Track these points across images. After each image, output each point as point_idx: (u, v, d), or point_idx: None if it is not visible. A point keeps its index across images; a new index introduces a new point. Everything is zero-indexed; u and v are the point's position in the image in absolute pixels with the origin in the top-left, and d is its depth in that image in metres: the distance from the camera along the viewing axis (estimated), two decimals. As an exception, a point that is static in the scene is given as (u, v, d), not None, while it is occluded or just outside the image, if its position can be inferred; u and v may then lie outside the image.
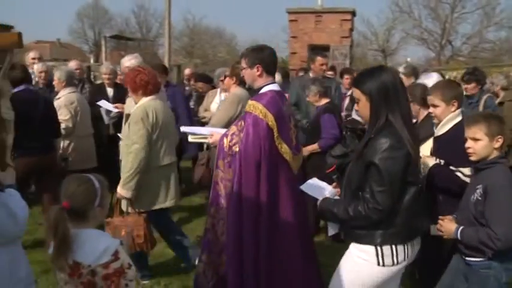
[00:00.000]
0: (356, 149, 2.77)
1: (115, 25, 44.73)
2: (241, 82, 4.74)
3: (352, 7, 12.56)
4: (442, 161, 3.16)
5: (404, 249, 2.58)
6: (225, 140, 3.47)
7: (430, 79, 4.54)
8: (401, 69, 5.68)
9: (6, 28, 16.70)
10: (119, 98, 6.18)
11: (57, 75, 5.62)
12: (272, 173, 3.33)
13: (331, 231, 2.81)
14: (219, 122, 5.06)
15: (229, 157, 3.44)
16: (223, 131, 3.64)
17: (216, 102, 6.20)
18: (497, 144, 2.73)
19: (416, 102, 3.70)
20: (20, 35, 2.56)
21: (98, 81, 8.88)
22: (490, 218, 2.62)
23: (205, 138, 3.78)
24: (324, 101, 5.21)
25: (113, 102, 6.17)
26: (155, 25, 43.30)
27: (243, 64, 3.49)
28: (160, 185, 4.10)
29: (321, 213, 2.78)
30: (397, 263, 2.57)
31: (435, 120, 3.34)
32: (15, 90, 4.76)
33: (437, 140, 3.28)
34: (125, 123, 4.16)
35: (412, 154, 2.50)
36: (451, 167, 3.10)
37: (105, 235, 2.39)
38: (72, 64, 7.81)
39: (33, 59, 7.16)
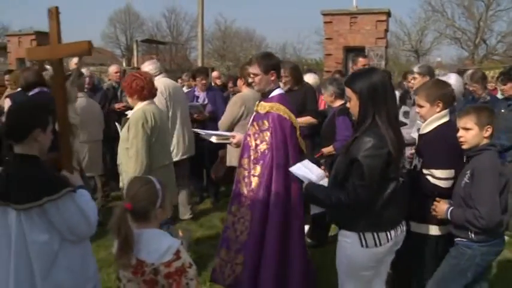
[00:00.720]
0: (345, 144, 2.95)
1: (146, 29, 45.39)
2: (249, 83, 4.85)
3: (387, 8, 12.42)
4: (421, 160, 3.26)
5: (386, 235, 2.82)
6: (248, 138, 3.70)
7: (449, 80, 4.51)
8: (416, 68, 5.61)
9: (47, 35, 17.07)
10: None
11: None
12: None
13: (314, 211, 3.15)
14: (224, 123, 5.43)
15: (256, 154, 3.65)
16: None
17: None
18: (486, 134, 3.02)
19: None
20: (90, 43, 2.65)
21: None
22: (475, 199, 2.91)
23: (227, 138, 3.90)
24: (339, 102, 5.10)
25: None
26: (186, 28, 43.80)
27: (255, 70, 3.69)
28: None
29: (306, 196, 3.08)
30: (380, 245, 2.81)
31: (420, 121, 3.44)
32: (30, 93, 4.89)
33: (420, 138, 3.36)
34: (122, 127, 4.28)
35: (393, 153, 2.70)
36: (424, 170, 3.22)
37: (167, 235, 2.44)
38: (113, 68, 8.05)
39: (76, 64, 7.38)
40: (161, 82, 5.70)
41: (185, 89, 8.83)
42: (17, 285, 2.43)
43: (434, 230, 3.26)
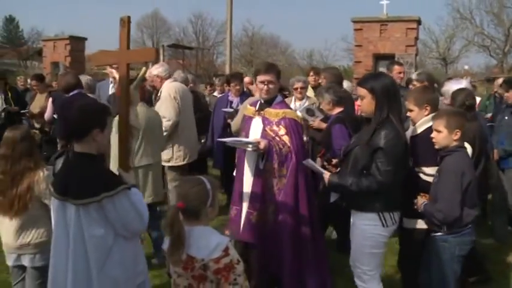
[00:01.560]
0: (361, 138, 3.31)
1: (173, 34, 45.87)
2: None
3: (417, 15, 12.39)
4: (412, 160, 3.50)
5: (396, 214, 3.31)
6: (272, 143, 3.90)
7: (459, 85, 4.68)
8: (414, 76, 5.65)
9: (81, 39, 17.55)
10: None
11: None
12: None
13: (333, 198, 3.54)
14: (236, 125, 5.50)
15: (281, 158, 3.89)
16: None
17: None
18: (455, 137, 3.28)
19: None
20: (157, 51, 2.79)
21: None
22: (438, 195, 3.24)
23: (248, 145, 3.97)
24: (338, 109, 5.02)
25: None
26: (212, 34, 44.15)
27: (272, 78, 3.94)
28: (138, 184, 4.38)
29: (330, 185, 3.37)
30: (394, 223, 3.29)
31: (411, 124, 3.67)
32: (70, 94, 5.31)
33: (412, 140, 3.55)
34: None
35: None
36: (415, 168, 3.50)
37: (216, 232, 2.51)
38: (149, 72, 8.19)
39: (111, 67, 7.61)
40: (173, 86, 5.86)
41: (217, 94, 8.99)
42: (75, 276, 2.55)
43: (421, 224, 3.48)
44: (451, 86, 4.66)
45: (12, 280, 3.60)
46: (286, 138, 3.93)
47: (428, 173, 3.41)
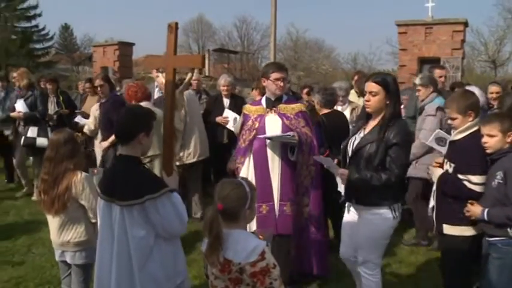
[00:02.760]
0: (372, 135, 3.39)
1: (218, 39, 46.27)
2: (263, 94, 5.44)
3: (464, 18, 12.09)
4: (452, 165, 3.44)
5: (400, 206, 3.48)
6: (301, 136, 4.12)
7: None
8: (417, 80, 5.53)
9: (129, 45, 18.05)
10: (236, 108, 6.58)
11: None
12: None
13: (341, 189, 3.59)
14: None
15: (308, 148, 4.17)
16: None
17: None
18: (509, 139, 3.28)
19: None
20: (203, 57, 2.89)
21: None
22: (507, 198, 3.13)
23: (293, 138, 4.11)
24: (325, 110, 5.24)
25: None
26: (256, 38, 44.34)
27: (286, 75, 4.31)
28: None
29: (351, 181, 3.37)
30: (399, 215, 3.45)
31: (455, 130, 3.55)
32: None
33: (452, 144, 3.54)
34: None
35: None
36: (459, 175, 3.39)
37: (253, 236, 2.53)
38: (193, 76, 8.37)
39: (157, 71, 7.85)
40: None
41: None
42: (118, 274, 2.65)
43: (468, 231, 3.43)
44: None
45: (61, 275, 3.77)
46: (307, 130, 4.21)
47: (475, 181, 3.34)
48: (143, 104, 4.90)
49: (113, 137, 5.76)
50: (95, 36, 41.21)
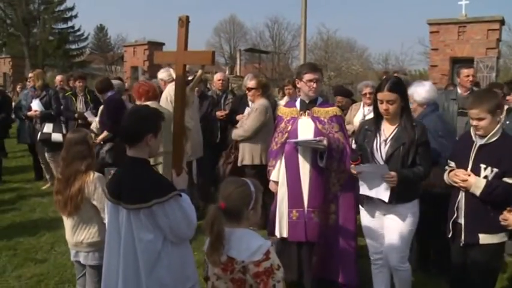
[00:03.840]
0: (402, 138, 3.52)
1: (249, 39, 46.56)
2: (264, 93, 6.06)
3: (500, 15, 11.66)
4: (494, 170, 3.23)
5: None
6: (331, 141, 4.04)
7: (422, 87, 4.68)
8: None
9: (159, 44, 18.25)
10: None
11: None
12: None
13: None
14: (251, 129, 5.84)
15: (339, 155, 4.07)
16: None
17: (360, 116, 6.26)
18: (498, 118, 3.29)
19: None
20: (213, 53, 2.77)
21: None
22: None
23: (319, 144, 4.02)
24: None
25: None
26: (288, 38, 44.29)
27: (319, 76, 4.22)
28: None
29: (402, 178, 3.46)
30: None
31: (480, 132, 3.34)
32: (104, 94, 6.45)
33: (485, 148, 3.33)
34: None
35: None
36: (506, 178, 3.21)
37: (258, 236, 2.48)
38: (217, 76, 8.36)
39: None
40: (171, 89, 6.17)
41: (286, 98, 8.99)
42: (125, 277, 2.61)
43: (501, 238, 3.35)
44: (416, 89, 4.71)
45: (76, 275, 3.80)
46: (341, 135, 4.10)
47: None
48: (150, 103, 5.03)
49: (104, 134, 6.24)
50: (127, 37, 41.94)
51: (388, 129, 3.60)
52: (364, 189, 3.62)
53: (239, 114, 6.78)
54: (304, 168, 4.10)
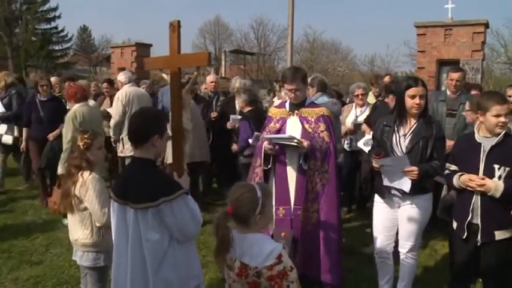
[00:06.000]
0: (421, 133, 3.75)
1: (235, 40, 46.52)
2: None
3: (484, 19, 11.87)
4: (507, 169, 3.36)
5: None
6: (313, 142, 4.11)
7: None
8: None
9: (146, 46, 18.19)
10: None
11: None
12: None
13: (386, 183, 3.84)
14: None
15: (322, 154, 4.14)
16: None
17: (352, 117, 6.35)
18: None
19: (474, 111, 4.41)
20: (209, 54, 2.80)
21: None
22: None
23: (293, 141, 4.08)
24: (248, 108, 6.09)
25: None
26: (273, 39, 44.37)
27: (296, 86, 4.19)
28: None
29: (423, 172, 3.65)
30: None
31: (502, 130, 3.43)
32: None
33: (496, 148, 3.41)
34: None
35: None
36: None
37: (270, 239, 2.52)
38: (210, 78, 8.39)
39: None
40: (124, 89, 6.94)
41: (276, 99, 9.04)
42: (133, 277, 2.63)
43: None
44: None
45: (81, 273, 3.80)
46: (326, 134, 4.19)
47: None
48: (78, 105, 5.80)
49: (57, 131, 6.72)
50: (112, 38, 41.61)
51: (407, 125, 3.84)
52: (386, 182, 3.83)
53: (228, 115, 6.89)
54: (291, 169, 4.21)
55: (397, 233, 4.04)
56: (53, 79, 9.00)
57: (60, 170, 5.61)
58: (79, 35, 47.14)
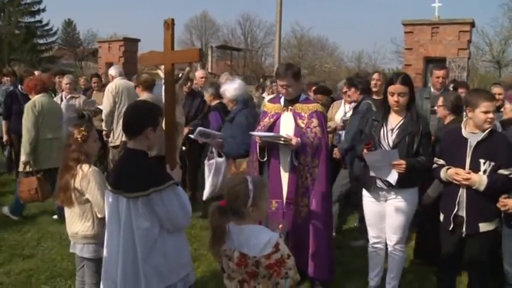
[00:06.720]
0: (407, 129, 3.84)
1: (221, 36, 46.39)
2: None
3: (470, 18, 12.07)
4: (492, 164, 3.47)
5: None
6: (304, 139, 4.19)
7: (232, 85, 5.35)
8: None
9: (134, 41, 18.09)
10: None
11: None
12: None
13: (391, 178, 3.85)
14: None
15: (313, 150, 4.20)
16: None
17: (341, 113, 6.42)
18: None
19: (448, 108, 4.60)
20: (200, 50, 2.91)
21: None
22: None
23: (280, 139, 4.18)
24: (216, 101, 6.38)
25: None
26: (260, 35, 44.39)
27: (288, 82, 4.25)
28: (45, 151, 5.97)
29: (410, 167, 3.74)
30: None
31: (491, 126, 3.55)
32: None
33: (483, 143, 3.51)
34: None
35: None
36: (501, 170, 3.46)
37: (266, 229, 2.58)
38: (199, 73, 8.40)
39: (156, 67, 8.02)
40: (114, 82, 7.17)
41: (266, 95, 9.08)
42: (124, 265, 2.69)
43: (496, 223, 3.64)
44: (227, 87, 5.38)
45: (76, 266, 3.80)
46: (318, 130, 4.26)
47: None
48: (38, 96, 6.11)
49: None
50: (98, 32, 41.22)
51: (395, 120, 3.94)
52: (372, 173, 3.93)
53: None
54: (284, 162, 4.29)
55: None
56: (37, 73, 8.95)
57: (23, 158, 5.85)
58: (64, 29, 46.56)
